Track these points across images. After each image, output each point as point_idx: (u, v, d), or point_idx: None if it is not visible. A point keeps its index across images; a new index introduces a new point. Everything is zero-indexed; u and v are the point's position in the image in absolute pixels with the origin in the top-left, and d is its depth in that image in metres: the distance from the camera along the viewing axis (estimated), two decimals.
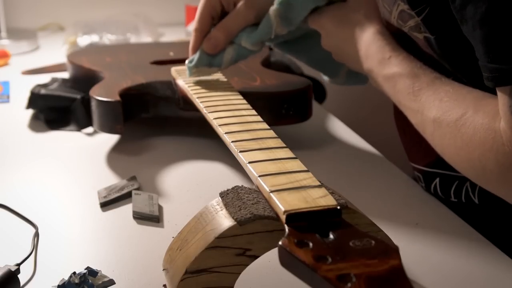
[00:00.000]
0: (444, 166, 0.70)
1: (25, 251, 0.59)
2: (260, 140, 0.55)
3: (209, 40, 0.74)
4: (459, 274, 0.57)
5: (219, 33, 0.74)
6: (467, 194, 0.70)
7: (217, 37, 0.74)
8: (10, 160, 0.81)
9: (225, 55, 0.74)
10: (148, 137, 0.87)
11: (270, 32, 0.72)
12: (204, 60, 0.74)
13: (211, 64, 0.74)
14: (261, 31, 0.72)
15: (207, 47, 0.74)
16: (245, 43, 0.73)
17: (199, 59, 0.74)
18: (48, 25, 1.50)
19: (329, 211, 0.43)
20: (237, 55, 0.74)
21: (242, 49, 0.74)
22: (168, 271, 0.51)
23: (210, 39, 0.74)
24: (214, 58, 0.74)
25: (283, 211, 0.42)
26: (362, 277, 0.34)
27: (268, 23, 0.71)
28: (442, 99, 0.57)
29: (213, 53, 0.74)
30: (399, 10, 0.65)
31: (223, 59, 0.74)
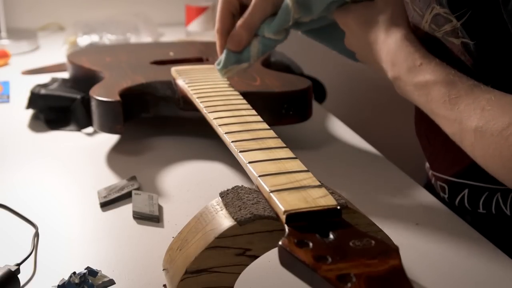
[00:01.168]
0: (473, 176, 0.69)
1: (25, 251, 0.59)
2: (260, 140, 0.55)
3: (232, 38, 0.73)
4: (459, 274, 0.57)
5: (241, 29, 0.72)
6: (497, 205, 0.69)
7: (239, 34, 0.72)
8: (10, 160, 0.81)
9: (251, 49, 0.73)
10: (148, 137, 0.87)
11: (289, 19, 0.71)
12: (231, 59, 0.74)
13: (239, 61, 0.74)
14: (280, 19, 0.71)
15: (232, 45, 0.73)
16: (267, 33, 0.72)
17: (226, 59, 0.74)
18: (48, 25, 1.50)
19: (329, 211, 0.43)
20: (264, 46, 0.74)
21: (267, 40, 0.73)
22: (168, 271, 0.51)
23: (233, 37, 0.73)
24: (242, 54, 0.74)
25: (283, 211, 0.42)
26: (362, 277, 0.34)
27: (285, 9, 0.70)
28: (484, 107, 0.54)
29: (239, 50, 0.73)
30: (434, 14, 0.63)
31: (251, 53, 0.74)
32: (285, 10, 0.70)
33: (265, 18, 0.72)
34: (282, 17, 0.71)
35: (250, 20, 0.72)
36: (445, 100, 0.57)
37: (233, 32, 0.73)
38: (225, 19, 0.74)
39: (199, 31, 1.42)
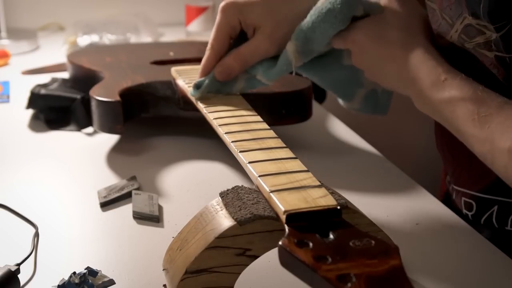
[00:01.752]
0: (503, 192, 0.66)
1: (25, 251, 0.59)
2: (260, 140, 0.55)
3: (223, 68, 0.68)
4: (459, 274, 0.57)
5: (235, 62, 0.68)
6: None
7: (232, 67, 0.68)
8: (10, 160, 0.81)
9: (236, 84, 0.69)
10: (148, 137, 0.87)
11: (290, 69, 0.67)
12: (214, 87, 0.69)
13: (219, 91, 0.69)
14: (280, 68, 0.66)
15: (220, 75, 0.68)
16: (260, 77, 0.68)
17: (209, 85, 0.69)
18: (48, 25, 1.50)
19: (329, 211, 0.43)
20: (248, 86, 0.70)
21: (254, 81, 0.69)
22: (168, 271, 0.51)
23: (224, 66, 0.68)
24: (224, 85, 0.69)
25: (283, 211, 0.42)
26: (362, 277, 0.34)
27: (286, 60, 0.66)
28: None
29: (224, 81, 0.69)
30: (465, 24, 0.59)
31: (233, 88, 0.69)
32: (286, 60, 0.66)
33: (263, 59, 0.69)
34: (283, 68, 0.66)
35: (247, 58, 0.68)
36: (474, 118, 0.54)
37: (226, 62, 0.68)
38: (221, 40, 0.69)
39: (199, 31, 1.42)
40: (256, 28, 0.68)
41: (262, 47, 0.67)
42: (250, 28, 0.69)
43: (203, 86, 0.68)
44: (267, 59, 0.68)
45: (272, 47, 0.67)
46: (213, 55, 0.69)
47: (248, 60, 0.68)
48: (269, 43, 0.67)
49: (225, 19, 0.68)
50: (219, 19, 0.69)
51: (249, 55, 0.68)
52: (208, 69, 0.69)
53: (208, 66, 0.69)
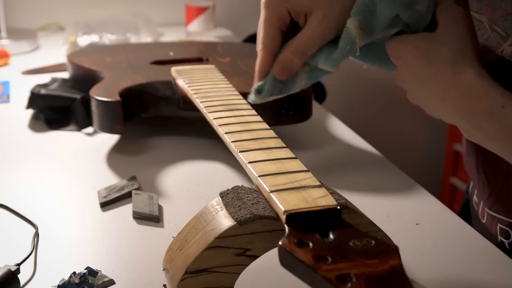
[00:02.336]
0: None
1: (25, 251, 0.59)
2: (260, 140, 0.55)
3: (282, 65, 0.61)
4: (459, 274, 0.57)
5: (294, 56, 0.61)
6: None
7: (292, 61, 0.61)
8: (10, 160, 0.81)
9: (298, 80, 0.62)
10: (148, 137, 0.87)
11: (354, 49, 0.60)
12: (276, 88, 0.62)
13: (282, 92, 0.62)
14: (343, 50, 0.60)
15: (280, 73, 0.61)
16: (323, 65, 0.61)
17: (270, 87, 0.61)
18: (48, 25, 1.50)
19: (329, 211, 0.43)
20: (311, 79, 0.63)
21: (317, 72, 0.62)
22: (168, 271, 0.51)
23: (284, 63, 0.61)
24: (286, 84, 0.62)
25: (283, 211, 0.42)
26: (362, 277, 0.34)
27: (349, 38, 0.59)
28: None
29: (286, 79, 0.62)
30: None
31: (296, 85, 0.63)
32: (348, 39, 0.59)
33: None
34: (346, 48, 0.60)
35: (306, 48, 0.61)
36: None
37: (285, 58, 0.61)
38: (273, 36, 0.62)
39: (199, 31, 1.42)
40: (307, 14, 0.62)
41: (319, 32, 0.61)
42: (301, 16, 0.62)
43: (264, 90, 0.61)
44: (326, 44, 0.62)
45: (330, 29, 0.61)
46: (267, 54, 0.62)
47: (307, 50, 0.61)
48: (325, 26, 0.61)
49: (271, 12, 0.62)
50: (264, 14, 0.63)
51: (307, 45, 0.61)
52: (265, 71, 0.62)
53: (264, 67, 0.62)
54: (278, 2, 0.62)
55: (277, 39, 0.62)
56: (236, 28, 1.59)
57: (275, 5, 0.62)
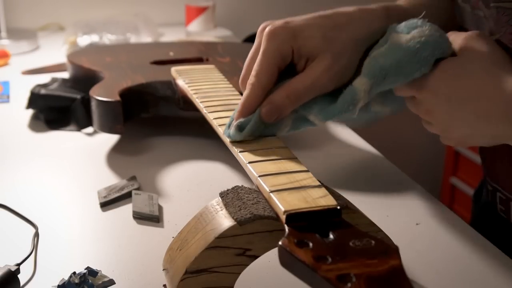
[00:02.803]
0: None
1: (25, 251, 0.59)
2: (260, 140, 0.55)
3: (272, 107, 0.56)
4: (459, 274, 0.57)
5: (288, 100, 0.56)
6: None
7: (284, 105, 0.56)
8: (10, 160, 0.81)
9: (282, 126, 0.57)
10: (148, 137, 0.87)
11: (354, 110, 0.55)
12: (257, 129, 0.56)
13: (263, 133, 0.57)
14: (342, 108, 0.55)
15: (268, 115, 0.56)
16: (314, 117, 0.57)
17: (253, 127, 0.55)
18: (48, 25, 1.50)
19: (329, 211, 0.43)
20: (294, 128, 0.58)
21: (303, 122, 0.58)
22: (168, 271, 0.51)
23: (275, 105, 0.56)
24: (268, 127, 0.57)
25: (283, 211, 0.42)
26: (362, 277, 0.34)
27: (353, 99, 0.55)
28: None
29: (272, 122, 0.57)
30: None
31: (278, 131, 0.57)
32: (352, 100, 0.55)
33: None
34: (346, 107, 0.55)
35: (303, 95, 0.56)
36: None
37: (276, 100, 0.56)
38: (269, 73, 0.57)
39: (199, 31, 1.42)
40: (309, 59, 0.58)
41: (321, 82, 0.56)
42: (303, 59, 0.58)
43: (246, 129, 0.55)
44: (320, 96, 0.58)
45: (331, 82, 0.57)
46: (259, 90, 0.57)
47: (303, 97, 0.57)
48: (327, 78, 0.57)
49: (276, 47, 0.57)
50: (267, 45, 0.57)
51: (305, 92, 0.56)
52: (252, 107, 0.57)
53: (252, 103, 0.57)
54: (286, 37, 0.57)
55: (273, 77, 0.57)
56: (236, 28, 1.59)
57: (281, 40, 0.57)
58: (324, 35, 0.57)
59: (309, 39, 0.57)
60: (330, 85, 0.57)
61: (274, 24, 0.58)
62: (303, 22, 0.58)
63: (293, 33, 0.57)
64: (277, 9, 1.69)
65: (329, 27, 0.58)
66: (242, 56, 0.98)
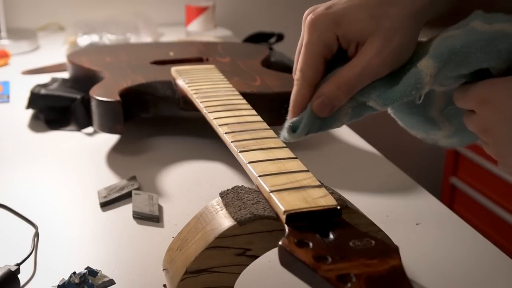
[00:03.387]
0: None
1: (25, 251, 0.59)
2: (260, 140, 0.55)
3: (324, 100, 0.52)
4: (459, 274, 0.57)
5: (340, 91, 0.51)
6: None
7: (336, 97, 0.52)
8: (10, 160, 0.81)
9: (340, 116, 0.53)
10: (148, 137, 0.87)
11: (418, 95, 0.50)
12: (315, 125, 0.53)
13: (320, 129, 0.53)
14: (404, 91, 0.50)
15: (321, 109, 0.52)
16: (374, 103, 0.52)
17: (308, 124, 0.52)
18: (48, 25, 1.50)
19: (329, 211, 0.43)
20: (355, 116, 0.54)
21: (364, 108, 0.53)
22: (168, 271, 0.51)
23: (326, 98, 0.52)
24: (325, 120, 0.53)
25: (283, 211, 0.42)
26: (362, 277, 0.34)
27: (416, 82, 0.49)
28: None
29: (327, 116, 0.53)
30: None
31: (337, 122, 0.53)
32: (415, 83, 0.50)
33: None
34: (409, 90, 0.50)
35: (355, 83, 0.52)
36: None
37: (327, 92, 0.52)
38: (315, 65, 0.53)
39: (199, 31, 1.42)
40: (359, 43, 0.52)
41: (373, 66, 0.51)
42: (352, 44, 0.53)
43: (300, 127, 0.52)
44: (378, 80, 0.52)
45: (385, 65, 0.51)
46: (306, 86, 0.53)
47: (356, 85, 0.52)
48: (381, 60, 0.51)
49: (318, 36, 0.52)
50: (308, 37, 0.53)
51: (357, 80, 0.51)
52: (302, 104, 0.53)
53: (302, 100, 0.53)
54: (327, 25, 0.52)
55: (319, 69, 0.53)
56: (236, 28, 1.59)
57: (323, 28, 0.52)
58: (370, 14, 0.51)
59: (354, 22, 0.52)
60: (384, 69, 0.52)
61: (315, 12, 0.53)
62: (346, 4, 0.53)
63: (335, 19, 0.52)
64: (277, 9, 1.69)
65: (375, 4, 0.52)
66: (242, 56, 0.98)
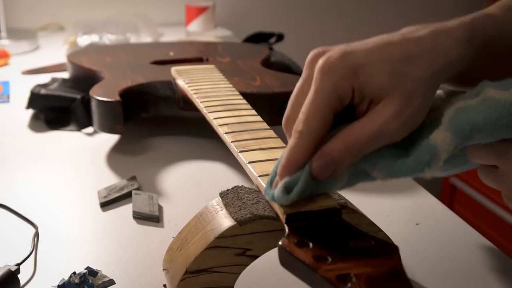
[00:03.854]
0: None
1: (25, 251, 0.59)
2: (260, 140, 0.55)
3: (325, 160, 0.44)
4: (459, 274, 0.57)
5: (347, 153, 0.44)
6: None
7: (342, 159, 0.44)
8: (10, 160, 0.81)
9: (337, 182, 0.46)
10: (148, 137, 0.87)
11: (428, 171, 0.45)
12: (309, 187, 0.45)
13: (312, 192, 0.45)
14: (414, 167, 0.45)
15: (321, 171, 0.44)
16: (377, 173, 0.46)
17: (303, 187, 0.44)
18: (48, 25, 1.50)
19: (329, 211, 0.43)
20: (348, 184, 0.47)
21: (361, 176, 0.47)
22: (168, 271, 0.51)
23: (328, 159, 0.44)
24: (320, 184, 0.45)
25: (283, 211, 0.42)
26: (362, 277, 0.34)
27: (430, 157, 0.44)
28: None
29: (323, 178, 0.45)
30: None
31: (332, 187, 0.46)
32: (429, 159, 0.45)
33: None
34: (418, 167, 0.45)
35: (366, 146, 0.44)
36: None
37: (333, 152, 0.44)
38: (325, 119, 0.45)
39: (199, 31, 1.42)
40: (373, 101, 0.45)
41: (390, 129, 0.44)
42: (365, 101, 0.46)
43: (295, 190, 0.44)
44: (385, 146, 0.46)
45: (400, 130, 0.45)
46: (309, 141, 0.45)
47: (365, 148, 0.45)
48: (396, 125, 0.44)
49: (332, 84, 0.45)
50: (321, 84, 0.45)
51: (369, 141, 0.44)
52: (300, 161, 0.45)
53: (300, 158, 0.45)
54: (344, 74, 0.45)
55: (327, 124, 0.45)
56: (236, 28, 1.59)
57: (339, 77, 0.45)
58: (391, 71, 0.45)
59: (374, 76, 0.45)
60: (399, 134, 0.45)
61: (330, 57, 0.45)
62: (366, 53, 0.46)
63: (354, 69, 0.45)
64: (277, 9, 1.69)
65: (397, 60, 0.45)
66: (242, 56, 0.98)
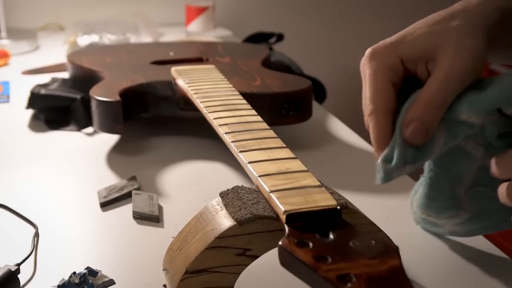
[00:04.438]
0: None
1: (25, 251, 0.59)
2: (260, 140, 0.55)
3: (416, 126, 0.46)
4: (459, 274, 0.57)
5: (429, 112, 0.46)
6: None
7: (428, 119, 0.46)
8: (10, 160, 0.81)
9: (435, 141, 0.47)
10: (148, 137, 0.87)
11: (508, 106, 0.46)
12: (409, 155, 0.47)
13: (415, 159, 0.48)
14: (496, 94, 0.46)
15: (415, 137, 0.46)
16: (467, 115, 0.47)
17: (402, 155, 0.47)
18: (48, 25, 1.50)
19: (329, 211, 0.43)
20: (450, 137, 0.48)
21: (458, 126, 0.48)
22: (168, 271, 0.51)
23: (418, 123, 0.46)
24: (419, 148, 0.48)
25: (283, 211, 0.42)
26: (362, 277, 0.34)
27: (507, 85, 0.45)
28: None
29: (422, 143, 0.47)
30: None
31: (433, 148, 0.48)
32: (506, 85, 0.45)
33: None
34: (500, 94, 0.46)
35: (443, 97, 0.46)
36: None
37: (417, 116, 0.46)
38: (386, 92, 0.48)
39: (199, 31, 1.42)
40: (427, 61, 0.49)
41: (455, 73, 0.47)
42: (420, 63, 0.49)
43: (396, 159, 0.47)
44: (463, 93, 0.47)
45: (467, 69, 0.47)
46: (383, 117, 0.48)
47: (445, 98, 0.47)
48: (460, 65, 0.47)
49: (381, 63, 0.49)
50: (371, 67, 0.49)
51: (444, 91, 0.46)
52: (385, 138, 0.48)
53: (384, 133, 0.48)
54: (387, 51, 0.49)
55: (391, 96, 0.48)
56: (236, 28, 1.59)
57: (384, 54, 0.49)
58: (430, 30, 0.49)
59: (416, 40, 0.49)
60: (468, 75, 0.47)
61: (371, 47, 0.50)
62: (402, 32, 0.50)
63: (394, 45, 0.49)
64: (277, 9, 1.69)
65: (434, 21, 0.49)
66: (242, 56, 0.98)
